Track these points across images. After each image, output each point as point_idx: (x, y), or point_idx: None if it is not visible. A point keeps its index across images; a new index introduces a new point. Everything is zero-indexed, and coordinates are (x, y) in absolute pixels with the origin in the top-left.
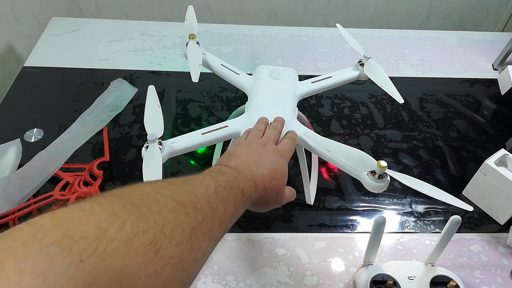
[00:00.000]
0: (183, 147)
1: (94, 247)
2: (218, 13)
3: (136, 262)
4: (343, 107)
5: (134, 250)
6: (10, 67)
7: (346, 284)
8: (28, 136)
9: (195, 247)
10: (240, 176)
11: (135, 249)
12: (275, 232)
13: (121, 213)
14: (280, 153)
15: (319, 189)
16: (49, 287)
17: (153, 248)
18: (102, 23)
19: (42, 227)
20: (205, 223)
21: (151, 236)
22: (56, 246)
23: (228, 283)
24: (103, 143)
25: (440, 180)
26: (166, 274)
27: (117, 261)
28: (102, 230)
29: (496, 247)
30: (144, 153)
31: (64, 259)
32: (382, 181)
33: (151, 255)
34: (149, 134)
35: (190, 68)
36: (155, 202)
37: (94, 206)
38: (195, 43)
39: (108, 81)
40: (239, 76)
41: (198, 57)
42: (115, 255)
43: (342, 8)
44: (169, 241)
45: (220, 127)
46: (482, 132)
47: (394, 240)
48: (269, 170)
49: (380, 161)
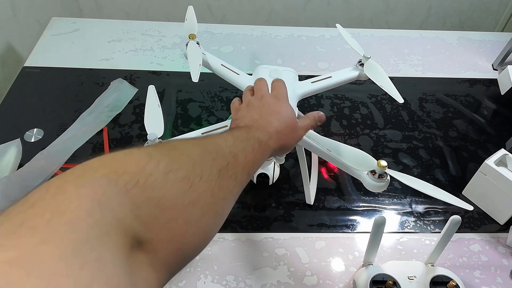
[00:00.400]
0: None
1: (136, 179)
2: (218, 13)
3: (174, 193)
4: (343, 107)
5: (171, 183)
6: (10, 67)
7: (346, 284)
8: (28, 136)
9: (224, 186)
10: (252, 130)
11: (171, 182)
12: (275, 232)
13: (155, 155)
14: (277, 97)
15: (319, 189)
16: (104, 209)
17: (187, 182)
18: (102, 23)
19: (92, 166)
20: (229, 167)
21: (184, 173)
22: (105, 178)
23: (228, 283)
24: (103, 143)
25: (440, 180)
26: (200, 205)
27: (156, 191)
28: (141, 167)
29: (496, 247)
30: None
31: (113, 188)
32: (382, 180)
33: (185, 187)
34: (149, 133)
35: (190, 68)
36: (184, 149)
37: (132, 150)
38: (195, 43)
39: (108, 81)
40: (239, 76)
41: (198, 57)
42: (154, 186)
43: (342, 8)
44: (200, 178)
45: (220, 127)
46: (482, 132)
47: (394, 240)
48: (274, 116)
49: (380, 161)
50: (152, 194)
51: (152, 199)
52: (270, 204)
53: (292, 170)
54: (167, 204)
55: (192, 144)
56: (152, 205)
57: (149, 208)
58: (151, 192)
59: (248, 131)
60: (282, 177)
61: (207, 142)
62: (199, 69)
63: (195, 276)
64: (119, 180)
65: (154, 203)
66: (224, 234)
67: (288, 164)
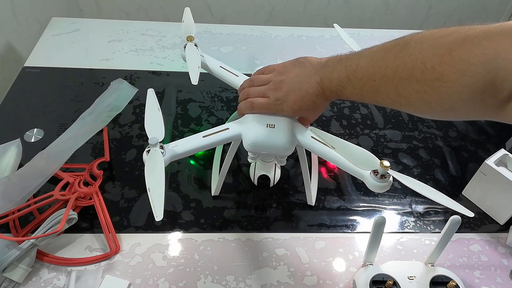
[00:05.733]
0: (185, 151)
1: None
2: (218, 13)
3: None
4: (343, 107)
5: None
6: (10, 67)
7: (346, 284)
8: (28, 136)
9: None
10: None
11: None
12: (275, 232)
13: None
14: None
15: (319, 189)
16: None
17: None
18: (102, 23)
19: None
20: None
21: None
22: None
23: (228, 283)
24: (103, 143)
25: (440, 180)
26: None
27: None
28: None
29: (496, 247)
30: (146, 158)
31: None
32: (384, 181)
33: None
34: (151, 138)
35: (190, 70)
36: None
37: None
38: (193, 45)
39: (108, 81)
40: (238, 78)
41: (196, 59)
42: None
43: (342, 8)
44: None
45: (221, 129)
46: (482, 132)
47: (394, 240)
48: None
49: (383, 161)
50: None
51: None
52: (270, 204)
53: (292, 170)
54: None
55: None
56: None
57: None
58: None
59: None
60: (282, 177)
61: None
62: (198, 71)
63: (195, 276)
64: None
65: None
66: (224, 234)
67: (288, 164)
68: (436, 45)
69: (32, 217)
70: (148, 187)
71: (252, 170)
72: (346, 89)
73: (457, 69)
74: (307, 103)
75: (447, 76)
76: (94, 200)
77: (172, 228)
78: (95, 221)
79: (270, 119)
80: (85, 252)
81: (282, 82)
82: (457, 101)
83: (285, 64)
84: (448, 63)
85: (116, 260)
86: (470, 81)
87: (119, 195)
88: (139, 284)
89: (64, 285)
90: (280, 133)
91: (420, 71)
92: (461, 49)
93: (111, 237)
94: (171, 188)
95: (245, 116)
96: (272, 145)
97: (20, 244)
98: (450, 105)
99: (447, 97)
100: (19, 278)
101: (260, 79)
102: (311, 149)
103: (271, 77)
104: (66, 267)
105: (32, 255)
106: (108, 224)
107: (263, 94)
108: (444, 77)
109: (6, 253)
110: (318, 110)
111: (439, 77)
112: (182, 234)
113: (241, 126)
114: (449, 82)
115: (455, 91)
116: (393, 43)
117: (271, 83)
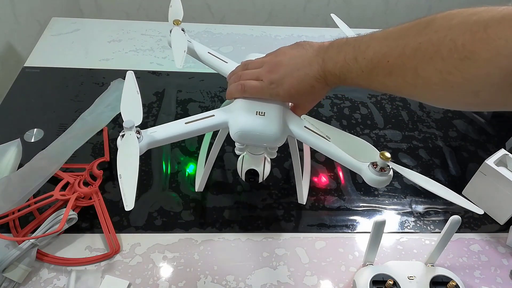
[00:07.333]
0: (164, 137)
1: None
2: (218, 13)
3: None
4: (343, 107)
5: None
6: (10, 67)
7: (346, 284)
8: (28, 136)
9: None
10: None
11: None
12: (275, 232)
13: None
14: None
15: (319, 189)
16: None
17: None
18: (102, 23)
19: None
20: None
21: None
22: None
23: (228, 283)
24: (103, 143)
25: (440, 180)
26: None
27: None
28: None
29: (496, 247)
30: (120, 143)
31: None
32: (383, 174)
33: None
34: (126, 121)
35: (174, 53)
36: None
37: None
38: (180, 29)
39: (108, 81)
40: (228, 64)
41: (182, 43)
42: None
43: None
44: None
45: (206, 116)
46: (482, 132)
47: (394, 240)
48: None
49: (384, 152)
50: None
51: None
52: (270, 204)
53: (292, 170)
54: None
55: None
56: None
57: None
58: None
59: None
60: (282, 177)
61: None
62: (184, 55)
63: (195, 276)
64: None
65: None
66: (224, 234)
67: (288, 164)
68: (468, 22)
69: (32, 217)
70: (119, 174)
71: (239, 164)
72: (352, 72)
73: (492, 46)
74: (305, 87)
75: (479, 54)
76: (94, 200)
77: (172, 228)
78: (95, 221)
79: (261, 106)
80: (85, 252)
81: (278, 64)
82: (484, 85)
83: (282, 47)
84: (482, 41)
85: (116, 260)
86: (505, 62)
87: (119, 195)
88: (139, 284)
89: (64, 285)
90: (270, 121)
91: (448, 48)
92: (499, 26)
93: (111, 237)
94: (171, 188)
95: (234, 102)
96: (261, 134)
97: (20, 244)
98: (475, 89)
99: (474, 79)
100: (19, 278)
101: (255, 62)
102: (304, 140)
103: (266, 59)
104: (66, 267)
105: (32, 255)
106: (108, 224)
107: (256, 77)
108: (474, 55)
109: (6, 253)
110: (316, 98)
111: (469, 55)
112: (182, 234)
113: (228, 113)
114: (480, 62)
115: (485, 72)
116: (413, 22)
117: (266, 65)
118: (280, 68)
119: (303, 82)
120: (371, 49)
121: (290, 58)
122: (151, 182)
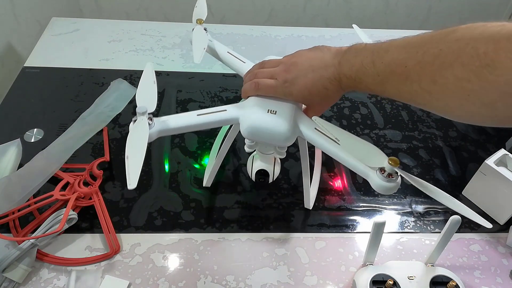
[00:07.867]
0: (176, 126)
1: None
2: (218, 13)
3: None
4: (343, 107)
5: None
6: (10, 67)
7: (346, 284)
8: (28, 136)
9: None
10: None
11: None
12: (275, 232)
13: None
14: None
15: (319, 189)
16: None
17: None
18: (102, 23)
19: None
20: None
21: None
22: None
23: (228, 283)
24: (103, 143)
25: (440, 180)
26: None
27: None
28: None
29: (496, 247)
30: (131, 127)
31: None
32: (391, 180)
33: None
34: (139, 106)
35: (194, 49)
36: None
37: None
38: (202, 28)
39: (108, 81)
40: (245, 64)
41: (203, 40)
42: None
43: (342, 8)
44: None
45: (218, 110)
46: (482, 132)
47: (394, 240)
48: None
49: (392, 157)
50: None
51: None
52: (270, 204)
53: (292, 170)
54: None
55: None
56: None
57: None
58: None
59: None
60: (282, 177)
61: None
62: (203, 52)
63: (195, 276)
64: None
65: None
66: (224, 234)
67: (288, 164)
68: (491, 32)
69: (32, 217)
70: (126, 155)
71: (249, 163)
72: (368, 76)
73: None
74: (318, 88)
75: (500, 63)
76: (94, 200)
77: (172, 228)
78: (95, 221)
79: (273, 105)
80: (85, 252)
81: (294, 64)
82: (503, 95)
83: (300, 50)
84: (506, 49)
85: (116, 260)
86: None
87: (119, 195)
88: (139, 284)
89: (64, 285)
90: (281, 120)
91: (469, 56)
92: None
93: (111, 237)
94: (171, 188)
95: (247, 100)
96: (271, 132)
97: (20, 244)
98: (492, 99)
99: (493, 88)
100: (19, 278)
101: (271, 61)
102: (313, 142)
103: (283, 60)
104: (66, 267)
105: (32, 255)
106: (108, 224)
107: (271, 76)
108: (496, 63)
109: (6, 253)
110: (328, 101)
111: (490, 63)
112: (182, 234)
113: (240, 110)
114: (501, 70)
115: (504, 80)
116: (434, 32)
117: (282, 65)
118: (295, 68)
119: (317, 83)
120: (389, 54)
121: (306, 59)
122: (151, 182)
